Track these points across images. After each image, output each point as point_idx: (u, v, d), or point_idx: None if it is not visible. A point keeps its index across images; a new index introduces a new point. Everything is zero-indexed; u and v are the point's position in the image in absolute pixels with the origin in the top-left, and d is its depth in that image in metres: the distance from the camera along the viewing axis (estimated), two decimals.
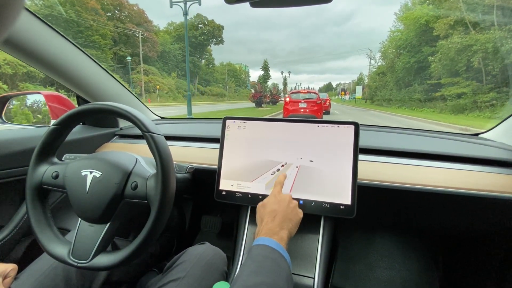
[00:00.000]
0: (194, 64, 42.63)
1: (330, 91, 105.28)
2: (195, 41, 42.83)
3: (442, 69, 17.08)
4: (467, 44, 15.07)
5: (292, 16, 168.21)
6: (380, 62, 30.04)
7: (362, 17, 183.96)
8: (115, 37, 31.45)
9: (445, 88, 16.60)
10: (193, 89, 39.92)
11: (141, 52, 29.83)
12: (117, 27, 32.10)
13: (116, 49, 31.82)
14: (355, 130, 0.70)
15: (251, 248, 0.52)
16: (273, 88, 27.24)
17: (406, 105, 21.63)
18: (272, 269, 0.47)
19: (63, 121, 0.58)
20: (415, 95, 20.47)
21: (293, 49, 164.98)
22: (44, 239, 0.55)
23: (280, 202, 0.61)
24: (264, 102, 19.39)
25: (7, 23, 0.18)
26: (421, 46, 21.00)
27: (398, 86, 24.01)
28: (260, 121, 0.79)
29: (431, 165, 0.78)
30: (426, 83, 19.58)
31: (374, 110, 20.51)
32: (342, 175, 0.70)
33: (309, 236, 0.77)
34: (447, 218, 0.86)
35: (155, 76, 32.64)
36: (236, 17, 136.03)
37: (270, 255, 0.49)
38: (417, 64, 21.22)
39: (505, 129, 0.92)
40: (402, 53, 22.83)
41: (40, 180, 0.57)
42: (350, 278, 1.20)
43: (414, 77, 21.70)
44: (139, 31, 30.61)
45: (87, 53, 0.92)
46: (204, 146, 0.97)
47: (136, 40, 33.35)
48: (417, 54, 21.24)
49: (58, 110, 1.07)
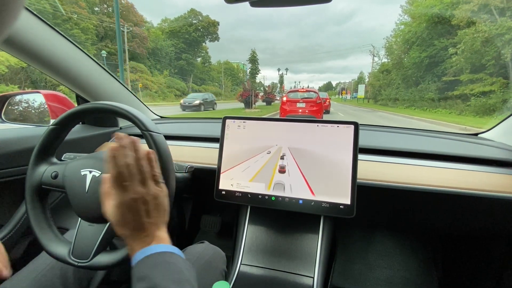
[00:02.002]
0: (187, 62, 40.47)
1: (330, 90, 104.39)
2: (188, 38, 40.53)
3: (465, 63, 14.47)
4: (498, 33, 12.45)
5: (293, 15, 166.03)
6: (384, 59, 27.56)
7: (362, 16, 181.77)
8: (100, 32, 28.91)
9: (465, 86, 14.06)
10: (187, 88, 37.47)
11: (127, 47, 27.35)
12: (102, 21, 29.52)
13: (101, 45, 29.27)
14: (355, 129, 0.70)
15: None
16: (268, 86, 24.43)
17: (416, 105, 19.05)
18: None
19: (61, 121, 0.58)
20: (427, 94, 17.88)
21: (293, 48, 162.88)
22: (45, 239, 0.55)
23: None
24: (253, 101, 16.27)
25: (8, 23, 0.18)
26: (433, 39, 18.45)
27: (406, 84, 21.45)
28: (260, 121, 0.79)
29: (431, 165, 0.78)
30: (441, 80, 17.02)
31: (383, 111, 18.13)
32: (342, 175, 0.70)
33: (309, 236, 0.78)
34: (446, 218, 0.86)
35: (143, 73, 30.11)
36: (237, 15, 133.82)
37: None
38: (428, 59, 18.67)
39: (505, 129, 0.92)
40: (412, 47, 20.20)
41: (40, 180, 0.57)
42: (350, 277, 1.20)
43: (425, 73, 19.11)
44: (124, 25, 28.03)
45: (86, 53, 0.92)
46: (203, 145, 0.97)
47: (124, 36, 30.76)
48: (428, 48, 18.69)
49: (58, 109, 1.08)
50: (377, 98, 28.29)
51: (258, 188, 0.75)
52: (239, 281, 0.74)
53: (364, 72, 52.45)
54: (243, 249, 0.79)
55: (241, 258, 0.78)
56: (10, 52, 0.73)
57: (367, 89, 32.95)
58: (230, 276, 0.75)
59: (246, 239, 0.81)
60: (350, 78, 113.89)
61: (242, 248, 0.79)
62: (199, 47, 44.17)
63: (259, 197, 0.75)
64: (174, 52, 37.16)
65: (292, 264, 0.75)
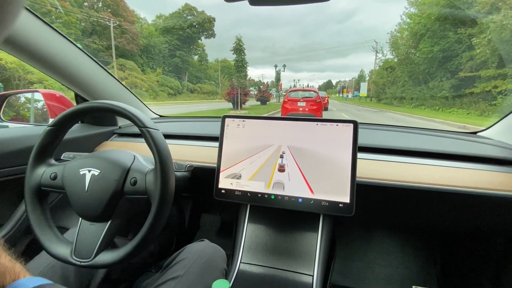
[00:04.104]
0: (182, 59, 38.43)
1: (330, 89, 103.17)
2: (183, 34, 38.47)
3: (491, 55, 12.29)
4: None
5: (294, 13, 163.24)
6: (389, 56, 25.34)
7: (364, 14, 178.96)
8: (87, 27, 26.90)
9: (487, 82, 11.96)
10: (181, 86, 35.43)
11: (113, 43, 25.27)
12: (89, 16, 27.46)
13: (88, 41, 27.25)
14: (354, 128, 0.71)
15: None
16: (263, 84, 22.12)
17: (426, 104, 16.95)
18: None
19: (59, 122, 0.58)
20: (439, 92, 15.79)
21: (294, 46, 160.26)
22: (46, 240, 0.55)
23: None
24: (241, 101, 13.96)
25: (7, 23, 0.18)
26: (445, 30, 16.26)
27: (414, 81, 19.31)
28: (259, 120, 0.79)
29: (430, 163, 0.78)
30: (455, 76, 14.88)
31: (392, 111, 15.85)
32: (341, 173, 0.70)
33: (308, 234, 0.78)
34: (445, 216, 0.86)
35: (133, 71, 28.06)
36: (238, 14, 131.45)
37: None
38: (441, 53, 16.48)
39: (503, 127, 0.92)
40: (422, 41, 18.00)
41: (39, 182, 0.57)
42: (349, 275, 1.20)
43: (437, 69, 16.95)
44: (110, 19, 25.92)
45: (86, 52, 0.93)
46: (203, 144, 0.97)
47: (113, 31, 28.66)
48: (441, 40, 16.55)
49: (56, 108, 1.08)
50: (380, 97, 26.54)
51: (257, 186, 0.76)
52: (239, 279, 0.74)
53: (364, 70, 50.74)
54: (243, 247, 0.79)
55: (240, 256, 0.78)
56: (9, 52, 0.73)
57: (369, 87, 30.72)
58: (229, 275, 0.75)
59: (245, 237, 0.81)
60: (351, 76, 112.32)
61: (241, 246, 0.79)
62: (194, 44, 42.27)
63: (258, 196, 0.75)
64: (167, 49, 35.80)
65: (292, 262, 0.75)
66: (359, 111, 16.84)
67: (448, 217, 0.85)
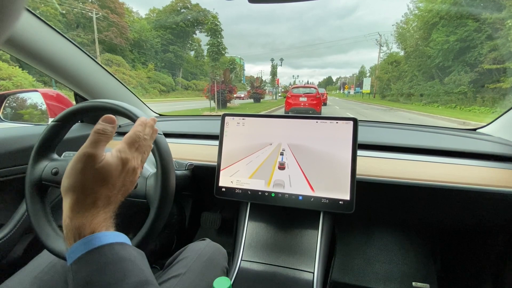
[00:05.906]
0: (176, 55, 36.27)
1: (330, 85, 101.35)
2: (176, 28, 36.13)
3: None
4: None
5: (295, 8, 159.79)
6: (393, 49, 23.20)
7: (365, 9, 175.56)
8: (70, 20, 24.71)
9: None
10: (174, 83, 33.33)
11: (96, 36, 23.17)
12: (72, 7, 25.30)
13: (73, 34, 25.11)
14: (354, 125, 0.71)
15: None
16: (256, 79, 19.89)
17: (440, 102, 14.92)
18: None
19: (63, 118, 0.59)
20: (457, 88, 13.75)
21: (294, 42, 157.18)
22: (44, 235, 0.55)
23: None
24: (220, 99, 11.66)
25: (9, 24, 0.18)
26: (462, 18, 14.16)
27: (425, 75, 17.23)
28: (259, 118, 0.80)
29: (430, 160, 0.79)
30: (475, 70, 12.83)
31: (404, 110, 13.64)
32: (341, 170, 0.71)
33: (309, 232, 0.79)
34: (444, 213, 0.86)
35: (120, 67, 25.94)
36: (239, 10, 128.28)
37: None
38: (459, 44, 14.38)
39: (503, 124, 0.92)
40: (435, 30, 15.89)
41: (40, 176, 0.57)
42: (349, 272, 1.20)
43: (453, 62, 14.87)
44: (92, 10, 23.71)
45: (85, 52, 0.93)
46: (203, 143, 0.98)
47: (99, 24, 26.45)
48: (458, 29, 14.44)
49: (56, 108, 1.08)
50: (384, 93, 24.66)
51: (258, 184, 0.76)
52: (240, 277, 0.74)
53: (365, 66, 48.69)
54: (244, 245, 0.80)
55: (241, 254, 0.79)
56: (9, 51, 0.74)
57: (372, 83, 28.55)
58: (230, 272, 0.75)
59: (246, 235, 0.81)
60: (351, 72, 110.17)
61: (242, 244, 0.80)
62: (189, 39, 39.99)
63: (259, 194, 0.76)
64: (160, 43, 33.63)
65: (292, 259, 0.76)
66: (366, 110, 14.68)
67: (448, 214, 0.85)
